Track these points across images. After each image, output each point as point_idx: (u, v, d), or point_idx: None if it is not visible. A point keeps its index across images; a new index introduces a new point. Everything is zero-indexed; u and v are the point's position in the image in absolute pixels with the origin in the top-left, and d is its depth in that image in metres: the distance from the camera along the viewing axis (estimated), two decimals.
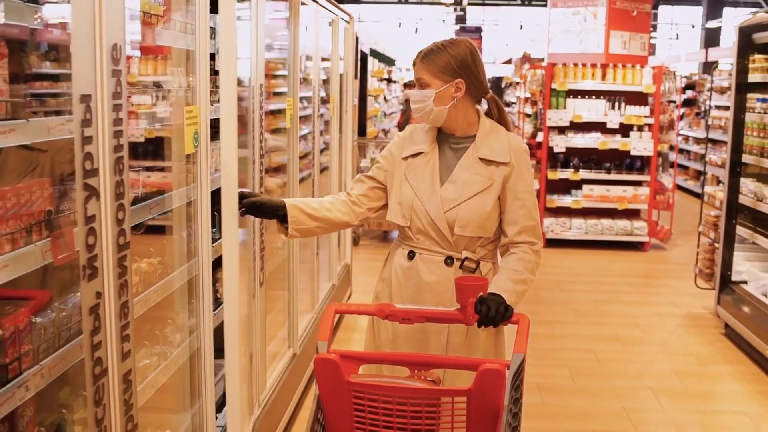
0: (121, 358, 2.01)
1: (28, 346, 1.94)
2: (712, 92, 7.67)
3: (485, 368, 1.96)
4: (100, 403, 1.91)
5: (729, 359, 5.50)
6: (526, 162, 2.62)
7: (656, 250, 9.14)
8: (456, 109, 2.59)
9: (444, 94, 2.56)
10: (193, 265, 2.69)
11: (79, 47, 1.75)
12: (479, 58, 2.64)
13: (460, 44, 2.60)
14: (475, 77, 2.60)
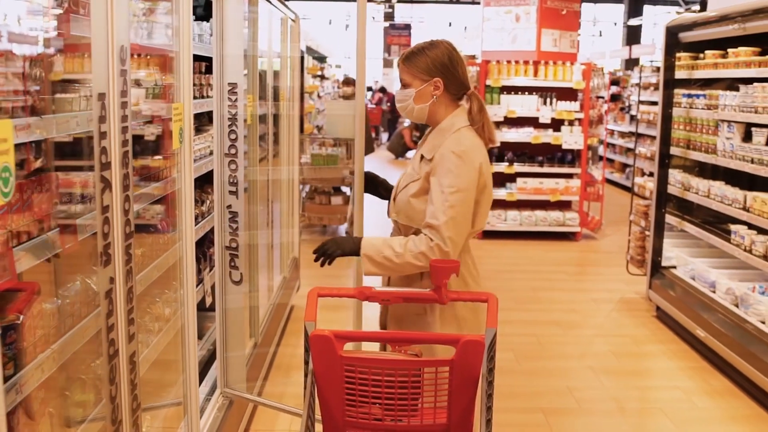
0: (128, 340, 2.15)
1: (41, 331, 2.06)
2: (640, 89, 8.03)
3: (467, 340, 2.16)
4: (113, 381, 2.05)
5: (661, 339, 5.83)
6: (448, 164, 2.63)
7: (587, 239, 9.51)
8: (436, 106, 2.76)
9: (423, 92, 2.74)
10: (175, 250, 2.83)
11: (97, 49, 1.89)
12: (458, 58, 2.77)
13: (438, 46, 2.75)
14: (453, 76, 2.74)
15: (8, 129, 1.42)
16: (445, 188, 2.60)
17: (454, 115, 2.77)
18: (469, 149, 2.66)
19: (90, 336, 2.25)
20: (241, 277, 3.55)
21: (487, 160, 2.73)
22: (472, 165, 2.63)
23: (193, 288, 2.81)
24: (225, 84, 3.41)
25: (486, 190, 2.71)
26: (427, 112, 2.78)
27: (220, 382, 3.63)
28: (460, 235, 2.62)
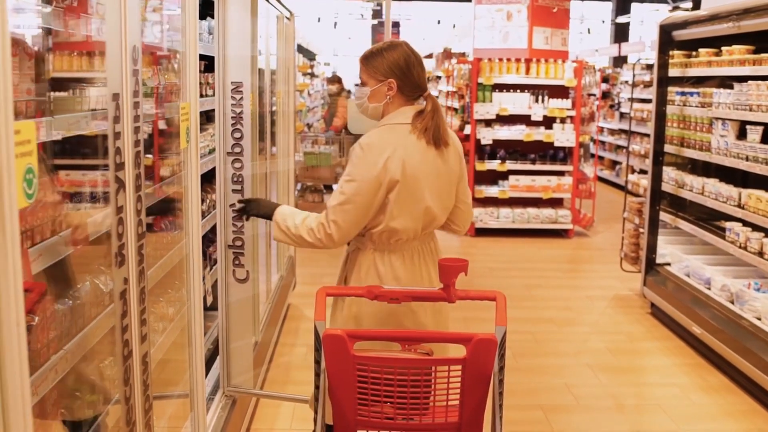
0: (141, 341, 2.14)
1: (54, 332, 2.05)
2: (633, 87, 8.07)
3: (479, 338, 2.17)
4: (127, 382, 2.04)
5: (656, 336, 5.86)
6: (352, 154, 2.75)
7: (580, 236, 9.55)
8: (390, 106, 2.84)
9: (378, 92, 2.83)
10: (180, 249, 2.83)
11: (111, 49, 1.88)
12: (415, 60, 2.83)
13: (397, 48, 2.84)
14: (408, 78, 2.81)
15: (31, 130, 1.41)
16: (345, 176, 2.74)
17: (396, 113, 2.83)
18: (375, 143, 2.73)
19: (100, 336, 2.24)
20: (247, 275, 3.55)
21: (411, 158, 2.72)
22: (373, 159, 2.70)
23: (200, 282, 2.81)
24: (228, 83, 3.40)
25: (403, 188, 2.72)
26: (381, 111, 2.86)
27: (222, 382, 3.63)
28: (347, 222, 2.70)
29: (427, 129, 2.77)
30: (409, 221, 2.77)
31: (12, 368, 1.36)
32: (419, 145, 2.76)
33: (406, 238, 2.82)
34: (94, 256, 2.31)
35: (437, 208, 2.84)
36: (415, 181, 2.73)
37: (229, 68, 3.41)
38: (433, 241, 2.99)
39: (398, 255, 2.83)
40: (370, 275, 2.82)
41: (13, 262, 1.30)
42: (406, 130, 2.77)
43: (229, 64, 3.41)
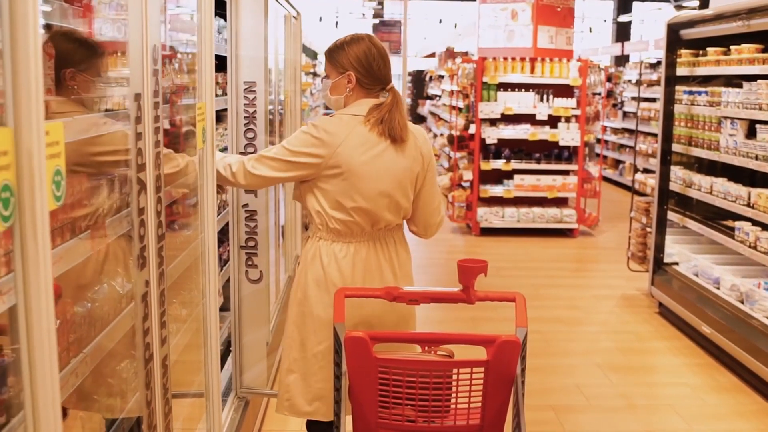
0: (161, 343, 2.12)
1: (73, 335, 2.03)
2: (640, 86, 8.05)
3: (503, 340, 2.15)
4: (149, 386, 2.02)
5: (665, 335, 5.85)
6: (300, 129, 2.84)
7: (585, 236, 9.53)
8: (350, 98, 2.88)
9: (338, 84, 2.88)
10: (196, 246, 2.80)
11: (133, 49, 1.86)
12: (377, 54, 2.86)
13: (359, 41, 2.88)
14: (367, 71, 2.85)
15: (59, 131, 1.39)
16: (285, 142, 2.84)
17: (353, 105, 2.86)
18: (322, 127, 2.77)
19: (118, 339, 2.22)
20: (261, 275, 3.53)
21: (355, 150, 2.75)
22: (315, 140, 2.75)
23: (215, 282, 2.78)
24: (240, 82, 3.38)
25: (342, 179, 2.75)
26: (343, 103, 2.89)
27: (235, 383, 3.61)
28: (260, 174, 2.82)
29: (382, 121, 2.79)
30: (351, 213, 2.78)
31: (42, 374, 1.34)
32: (369, 137, 2.77)
33: (350, 231, 2.82)
34: (112, 257, 2.29)
35: (384, 204, 2.81)
36: (357, 174, 2.75)
37: (241, 68, 3.39)
38: (396, 245, 2.94)
39: (343, 247, 2.83)
40: (315, 263, 2.86)
41: (44, 268, 1.28)
42: (357, 122, 2.80)
43: (241, 64, 3.39)
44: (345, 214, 2.78)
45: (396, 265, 2.90)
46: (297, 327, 2.94)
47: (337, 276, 2.82)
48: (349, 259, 2.83)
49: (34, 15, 1.22)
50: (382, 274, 2.87)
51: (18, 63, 1.21)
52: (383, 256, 2.88)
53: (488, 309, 6.09)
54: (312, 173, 2.77)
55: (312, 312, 2.87)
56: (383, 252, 2.88)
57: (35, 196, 1.25)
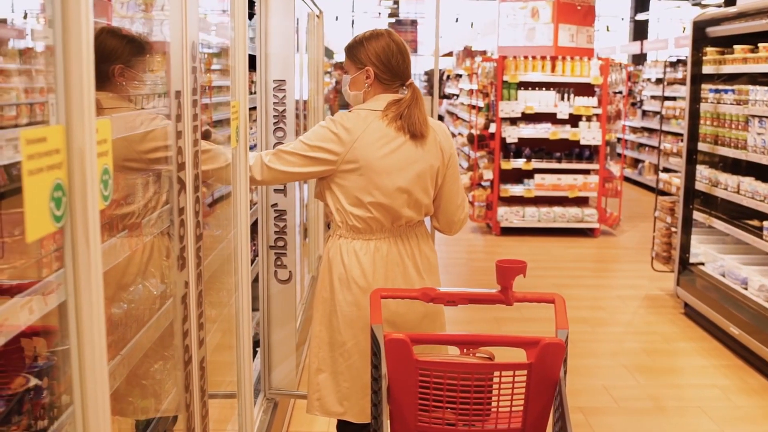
0: (198, 345, 2.09)
1: (111, 337, 2.00)
2: (665, 84, 7.98)
3: (547, 342, 2.10)
4: (188, 389, 1.99)
5: (691, 337, 5.78)
6: (318, 124, 2.82)
7: (606, 236, 9.46)
8: (368, 94, 2.86)
9: (357, 80, 2.87)
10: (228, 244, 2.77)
11: (174, 46, 1.83)
12: (395, 49, 2.84)
13: (379, 37, 2.86)
14: (386, 67, 2.83)
15: (107, 129, 1.36)
16: (302, 137, 2.82)
17: (372, 100, 2.85)
18: (340, 123, 2.76)
19: (153, 340, 2.19)
20: (290, 275, 3.50)
21: (372, 146, 2.73)
22: (333, 136, 2.74)
23: (248, 281, 2.75)
24: (270, 81, 3.35)
25: (359, 175, 2.73)
26: (361, 99, 2.88)
27: (263, 384, 3.58)
28: (276, 169, 2.79)
29: (401, 117, 2.77)
30: (370, 209, 2.76)
31: (92, 371, 1.32)
32: (387, 131, 2.76)
33: (369, 228, 2.79)
34: (150, 256, 2.26)
35: (402, 200, 2.79)
36: (374, 169, 2.73)
37: (271, 66, 3.36)
38: (418, 242, 2.91)
39: (363, 244, 2.81)
40: (337, 261, 2.84)
41: (95, 269, 1.25)
42: (374, 116, 2.78)
43: (271, 62, 3.36)
44: (364, 210, 2.76)
45: (419, 261, 2.87)
46: (324, 326, 2.91)
47: (358, 273, 2.80)
48: (370, 256, 2.80)
49: (86, 11, 1.19)
50: (405, 270, 2.84)
51: (70, 60, 1.18)
52: (406, 253, 2.85)
53: (512, 308, 6.05)
54: (329, 169, 2.76)
55: (336, 310, 2.85)
56: (405, 248, 2.85)
57: (87, 195, 1.22)
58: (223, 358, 3.05)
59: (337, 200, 2.79)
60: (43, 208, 1.12)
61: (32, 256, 1.60)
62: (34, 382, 1.56)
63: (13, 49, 1.62)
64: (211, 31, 3.82)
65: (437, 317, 2.95)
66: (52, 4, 1.17)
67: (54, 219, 1.16)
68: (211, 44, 3.67)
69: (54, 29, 1.18)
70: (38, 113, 1.63)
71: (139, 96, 2.24)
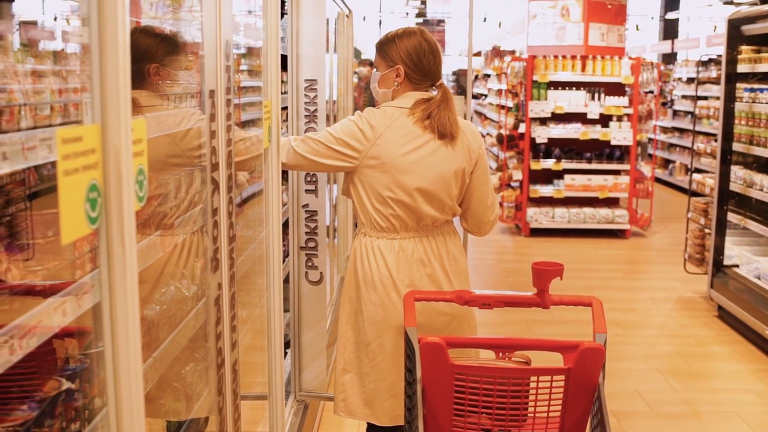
0: (231, 348, 2.07)
1: (143, 339, 1.98)
2: (698, 83, 7.86)
3: (586, 347, 2.06)
4: (221, 392, 1.97)
5: (726, 340, 5.69)
6: (346, 118, 2.83)
7: (637, 237, 9.35)
8: (397, 92, 2.83)
9: (387, 77, 2.84)
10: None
11: (208, 45, 1.81)
12: (427, 49, 2.81)
13: (411, 35, 2.83)
14: (417, 66, 2.80)
15: (143, 128, 1.33)
16: (330, 128, 2.82)
17: (400, 98, 2.82)
18: (367, 118, 2.74)
19: (185, 343, 2.17)
20: (321, 276, 3.47)
21: (397, 143, 2.70)
22: (359, 131, 2.72)
23: (279, 282, 2.72)
24: (301, 80, 3.33)
25: (382, 164, 2.71)
26: (390, 97, 2.85)
27: (294, 386, 3.55)
28: (301, 153, 2.78)
29: (430, 117, 2.73)
30: (393, 206, 2.73)
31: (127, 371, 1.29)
32: (412, 129, 2.73)
33: (393, 226, 2.76)
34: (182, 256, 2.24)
35: (424, 200, 2.75)
36: (395, 166, 2.70)
37: (302, 65, 3.34)
38: (445, 242, 2.86)
39: (388, 244, 2.77)
40: (362, 261, 2.81)
41: (131, 271, 1.22)
42: (400, 113, 2.75)
43: (302, 62, 3.33)
44: (386, 207, 2.73)
45: (446, 262, 2.82)
46: (350, 326, 2.89)
47: (384, 273, 2.77)
48: (394, 255, 2.77)
49: (123, 9, 1.16)
50: (432, 271, 2.79)
51: (106, 58, 1.16)
52: (432, 254, 2.80)
53: (542, 310, 6.00)
54: (351, 164, 2.74)
55: (362, 310, 2.82)
56: (432, 249, 2.81)
57: (123, 196, 1.19)
58: (254, 358, 3.03)
59: (362, 197, 2.77)
60: (79, 210, 1.10)
61: (66, 258, 1.58)
62: (66, 386, 1.54)
63: (45, 50, 1.61)
64: (239, 31, 3.81)
65: (465, 320, 2.90)
66: (87, 3, 1.15)
67: (89, 221, 1.14)
68: (239, 45, 3.66)
69: (90, 28, 1.15)
70: (72, 113, 1.61)
71: (173, 95, 2.22)
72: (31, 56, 1.62)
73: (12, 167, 1.16)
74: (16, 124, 1.38)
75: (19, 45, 1.69)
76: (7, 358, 1.17)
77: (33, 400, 1.48)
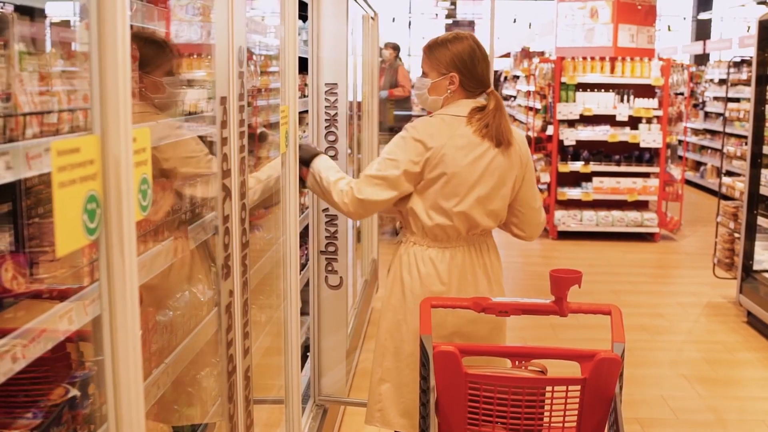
0: (243, 355, 2.06)
1: (155, 345, 1.98)
2: (728, 85, 7.75)
3: (602, 357, 2.02)
4: (232, 399, 1.96)
5: (755, 347, 5.59)
6: (398, 135, 2.72)
7: (666, 240, 9.24)
8: (449, 99, 2.75)
9: (439, 85, 2.75)
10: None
11: (220, 50, 1.80)
12: (480, 55, 2.74)
13: (463, 40, 2.75)
14: (471, 73, 2.73)
15: (146, 137, 1.33)
16: (385, 153, 2.69)
17: (453, 105, 2.74)
18: (423, 130, 2.66)
19: (199, 348, 2.17)
20: (341, 281, 3.46)
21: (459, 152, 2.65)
22: (418, 145, 2.64)
23: (296, 287, 2.71)
24: (321, 84, 3.32)
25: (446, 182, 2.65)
26: (440, 104, 2.77)
27: (313, 390, 3.54)
28: (374, 194, 2.63)
29: (488, 126, 2.67)
30: (452, 217, 2.68)
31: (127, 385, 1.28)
32: (472, 139, 2.67)
33: (446, 235, 2.71)
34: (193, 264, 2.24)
35: (484, 209, 2.72)
36: (459, 177, 2.64)
37: (323, 69, 3.33)
38: (489, 251, 2.84)
39: (439, 252, 2.73)
40: (411, 270, 2.75)
41: (131, 282, 1.22)
42: (460, 123, 2.69)
43: (323, 65, 3.32)
44: (445, 217, 2.68)
45: (489, 271, 2.80)
46: (391, 335, 2.83)
47: (435, 283, 2.72)
48: (446, 264, 2.73)
49: (123, 16, 1.15)
50: (476, 280, 2.77)
51: (106, 67, 1.15)
52: (477, 262, 2.78)
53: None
54: (418, 181, 2.67)
55: (408, 319, 2.76)
56: (477, 258, 2.78)
57: (122, 206, 1.18)
58: (274, 361, 3.01)
59: (417, 208, 2.70)
60: (75, 221, 1.09)
61: (74, 265, 1.58)
62: (73, 393, 1.53)
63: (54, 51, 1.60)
64: (268, 33, 3.80)
65: (504, 328, 2.89)
66: (88, 8, 1.14)
67: (87, 231, 1.13)
68: (269, 46, 3.65)
69: (90, 33, 1.15)
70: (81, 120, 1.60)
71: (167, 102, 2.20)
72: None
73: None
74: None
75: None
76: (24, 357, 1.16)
77: (39, 407, 1.48)
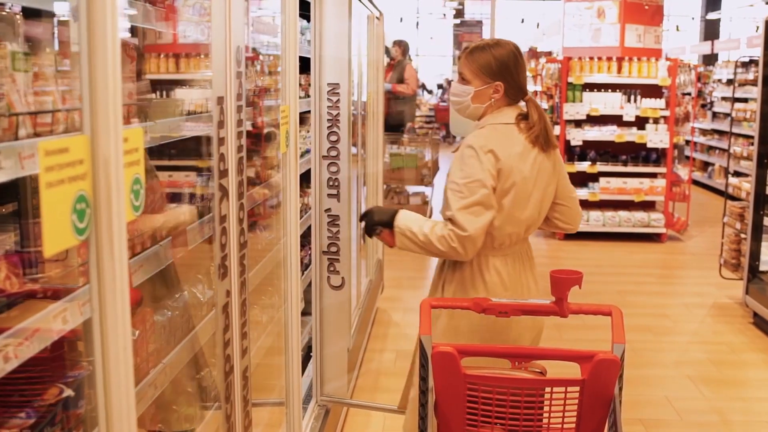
0: (241, 355, 2.05)
1: (153, 345, 1.98)
2: (735, 85, 7.72)
3: (601, 358, 2.01)
4: (229, 399, 1.96)
5: (761, 347, 5.57)
6: (460, 155, 2.62)
7: (673, 241, 9.21)
8: (491, 108, 2.69)
9: (482, 93, 2.68)
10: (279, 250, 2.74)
11: (217, 51, 1.80)
12: (521, 61, 2.70)
13: (504, 46, 2.68)
14: (514, 81, 2.67)
15: (139, 137, 1.32)
16: (461, 179, 2.56)
17: (497, 113, 2.68)
18: (487, 145, 2.58)
19: (198, 348, 2.17)
20: (343, 281, 3.46)
21: (521, 161, 2.61)
22: (489, 160, 2.56)
23: (297, 287, 2.71)
24: (324, 84, 3.31)
25: (514, 192, 2.60)
26: (482, 112, 2.71)
27: (315, 390, 3.54)
28: (477, 223, 2.51)
29: (538, 136, 2.64)
30: (516, 225, 2.66)
31: (118, 390, 1.28)
32: (526, 146, 2.64)
33: (510, 242, 2.69)
34: (192, 264, 2.23)
35: (540, 210, 2.73)
36: (524, 184, 2.62)
37: (325, 69, 3.32)
38: (529, 246, 2.86)
39: (501, 260, 2.70)
40: (476, 283, 2.68)
41: (121, 283, 1.21)
42: (512, 131, 2.64)
43: (325, 65, 3.32)
44: (516, 226, 2.66)
45: (535, 275, 2.81)
46: (445, 340, 2.72)
47: (500, 291, 2.67)
48: (507, 269, 2.70)
49: (113, 15, 1.15)
50: (528, 282, 2.77)
51: (95, 66, 1.15)
52: (528, 267, 2.79)
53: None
54: (497, 193, 2.61)
55: (462, 326, 2.70)
56: (527, 260, 2.80)
57: (113, 207, 1.18)
58: (276, 361, 3.01)
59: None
60: (64, 221, 1.09)
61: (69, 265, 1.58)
62: (67, 393, 1.54)
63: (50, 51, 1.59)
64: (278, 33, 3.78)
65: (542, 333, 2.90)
66: (77, 7, 1.14)
67: (76, 231, 1.12)
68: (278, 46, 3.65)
69: (79, 32, 1.14)
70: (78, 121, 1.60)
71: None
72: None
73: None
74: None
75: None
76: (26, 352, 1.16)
77: (32, 407, 1.48)
